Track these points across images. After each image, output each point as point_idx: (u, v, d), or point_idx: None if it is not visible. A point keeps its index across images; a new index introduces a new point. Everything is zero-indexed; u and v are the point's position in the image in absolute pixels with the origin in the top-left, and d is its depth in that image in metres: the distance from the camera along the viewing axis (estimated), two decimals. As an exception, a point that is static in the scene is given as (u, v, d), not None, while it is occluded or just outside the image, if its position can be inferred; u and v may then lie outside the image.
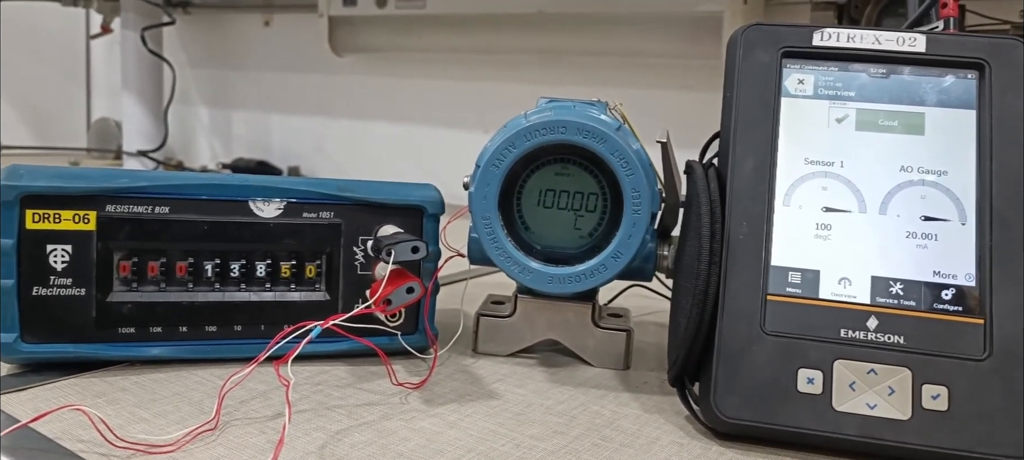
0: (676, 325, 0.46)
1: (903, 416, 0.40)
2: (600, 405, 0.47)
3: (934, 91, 0.45)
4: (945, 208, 0.43)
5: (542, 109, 0.49)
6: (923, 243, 0.43)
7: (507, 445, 0.41)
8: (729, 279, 0.43)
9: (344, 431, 0.41)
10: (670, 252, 0.52)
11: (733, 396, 0.41)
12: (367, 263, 0.50)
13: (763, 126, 0.45)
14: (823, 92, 0.46)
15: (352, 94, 1.50)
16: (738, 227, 0.43)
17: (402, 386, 0.47)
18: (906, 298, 0.42)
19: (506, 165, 0.47)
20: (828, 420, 0.40)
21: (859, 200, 0.44)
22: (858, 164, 0.45)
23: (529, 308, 0.53)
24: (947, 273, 0.42)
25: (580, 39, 1.19)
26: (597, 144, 0.46)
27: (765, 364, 0.41)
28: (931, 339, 0.41)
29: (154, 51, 1.52)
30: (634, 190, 0.46)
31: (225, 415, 0.41)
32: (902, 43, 0.45)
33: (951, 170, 0.44)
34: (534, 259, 0.48)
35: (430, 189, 0.52)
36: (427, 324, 0.51)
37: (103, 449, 0.37)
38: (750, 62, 0.46)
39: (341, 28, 1.40)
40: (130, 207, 0.45)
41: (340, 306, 0.50)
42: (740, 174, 0.44)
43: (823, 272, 0.43)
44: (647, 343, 0.58)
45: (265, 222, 0.48)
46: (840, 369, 0.41)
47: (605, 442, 0.42)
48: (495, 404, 0.46)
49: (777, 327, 0.42)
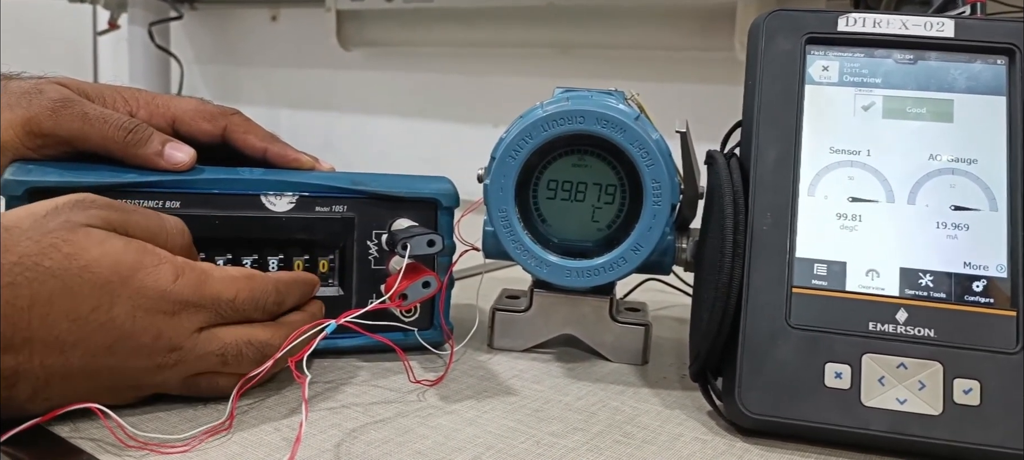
0: (698, 319, 0.45)
1: (934, 411, 0.39)
2: (620, 401, 0.46)
3: (963, 77, 0.44)
4: (975, 197, 0.42)
5: (559, 99, 0.48)
6: (953, 233, 0.42)
7: (527, 442, 0.40)
8: (753, 272, 0.42)
9: (360, 429, 0.40)
10: (689, 245, 0.51)
11: (757, 391, 0.40)
12: (381, 257, 0.49)
13: (787, 115, 0.44)
14: (848, 79, 0.45)
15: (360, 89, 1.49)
16: (762, 218, 0.42)
17: (419, 383, 0.46)
18: (936, 290, 0.41)
19: (523, 156, 0.46)
20: (856, 416, 0.39)
21: (887, 190, 0.43)
22: (885, 153, 0.43)
23: (545, 303, 0.52)
24: (978, 264, 0.41)
25: (590, 32, 1.17)
26: (617, 134, 0.45)
27: (791, 358, 0.40)
28: (962, 332, 0.40)
29: (161, 46, 1.51)
30: (654, 181, 0.45)
31: (239, 413, 0.41)
32: (930, 28, 0.44)
33: (981, 158, 0.43)
34: (551, 252, 0.48)
35: (444, 182, 0.51)
36: (443, 319, 0.50)
37: (116, 447, 0.36)
38: (773, 49, 0.45)
39: (349, 22, 1.39)
40: (140, 202, 0.44)
41: (354, 301, 0.49)
42: (763, 164, 0.43)
43: (850, 264, 0.42)
44: (665, 338, 0.57)
45: (277, 216, 0.47)
46: (869, 363, 0.40)
47: (627, 439, 0.41)
48: (513, 400, 0.45)
49: (803, 320, 0.41)
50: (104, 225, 0.38)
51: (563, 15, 1.18)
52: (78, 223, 0.37)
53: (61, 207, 0.37)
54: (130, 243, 0.38)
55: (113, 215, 0.38)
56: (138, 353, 0.37)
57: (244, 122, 0.52)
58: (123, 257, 0.37)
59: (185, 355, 0.39)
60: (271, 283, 0.42)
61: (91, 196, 0.39)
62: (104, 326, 0.36)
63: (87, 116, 0.44)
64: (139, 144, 0.45)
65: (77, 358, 0.36)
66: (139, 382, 0.39)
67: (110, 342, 0.36)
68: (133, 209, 0.40)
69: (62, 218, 0.37)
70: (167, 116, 0.50)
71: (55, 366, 0.36)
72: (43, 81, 0.47)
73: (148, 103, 0.50)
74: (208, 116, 0.50)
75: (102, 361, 0.37)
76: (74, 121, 0.44)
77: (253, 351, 0.40)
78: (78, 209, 0.37)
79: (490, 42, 1.28)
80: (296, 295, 0.44)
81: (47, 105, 0.44)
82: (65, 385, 0.36)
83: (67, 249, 0.36)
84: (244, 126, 0.51)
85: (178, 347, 0.38)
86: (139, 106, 0.49)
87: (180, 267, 0.39)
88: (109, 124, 0.45)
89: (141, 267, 0.37)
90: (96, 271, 0.36)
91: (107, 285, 0.36)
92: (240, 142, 0.51)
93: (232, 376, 0.40)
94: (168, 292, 0.38)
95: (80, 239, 0.36)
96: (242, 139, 0.51)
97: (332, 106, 1.52)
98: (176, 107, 0.50)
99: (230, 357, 0.40)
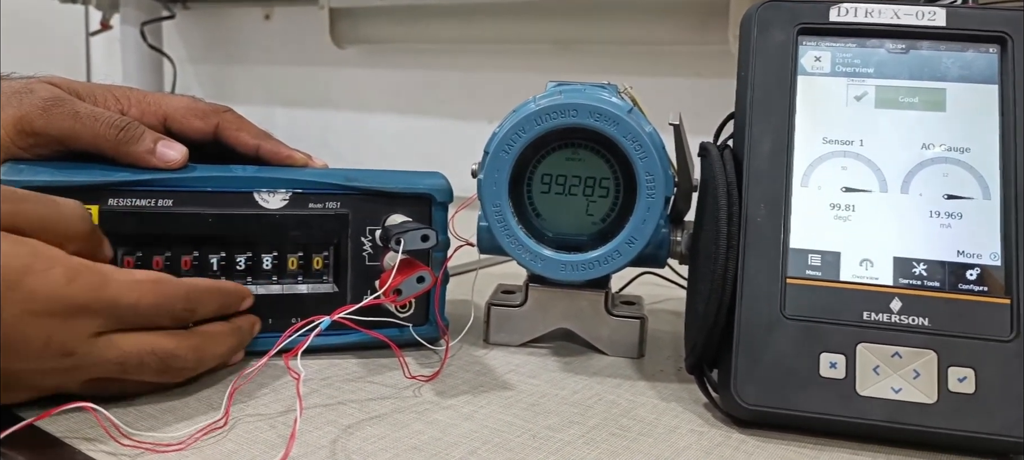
0: (693, 311, 0.45)
1: (929, 400, 0.39)
2: (616, 394, 0.46)
3: (955, 66, 0.44)
4: (969, 186, 0.42)
5: (552, 93, 0.48)
6: (946, 222, 0.42)
7: (523, 436, 0.40)
8: (747, 263, 0.42)
9: (356, 425, 0.40)
10: (684, 238, 0.51)
11: (753, 382, 0.40)
12: (375, 254, 0.49)
13: (780, 106, 0.44)
14: (841, 69, 0.45)
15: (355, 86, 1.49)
16: (756, 209, 0.42)
17: (415, 379, 0.46)
18: (930, 279, 0.41)
19: (516, 150, 0.46)
20: (852, 405, 0.39)
21: (880, 179, 0.43)
22: (878, 142, 0.43)
23: (541, 297, 0.52)
24: (972, 252, 0.41)
25: (585, 27, 1.17)
26: (610, 127, 0.45)
27: (786, 349, 0.40)
28: (957, 321, 0.40)
29: (154, 46, 1.51)
30: (648, 174, 0.45)
31: (234, 411, 0.41)
32: (922, 17, 0.44)
33: (974, 147, 0.43)
34: (546, 247, 0.47)
35: (438, 177, 0.51)
36: (438, 314, 0.50)
37: (110, 447, 0.36)
38: (765, 40, 0.45)
39: (342, 20, 1.39)
40: (133, 200, 0.44)
41: (349, 298, 0.49)
42: (757, 155, 0.43)
43: (844, 254, 0.42)
44: (660, 331, 0.58)
45: (271, 214, 0.47)
46: (863, 353, 0.40)
47: (623, 432, 0.41)
48: (509, 395, 0.45)
49: (797, 311, 0.41)
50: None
51: (558, 10, 1.18)
52: None
53: None
54: (19, 243, 0.36)
55: (3, 207, 0.36)
56: (27, 357, 0.36)
57: (236, 119, 0.51)
58: (11, 260, 0.35)
59: (80, 361, 0.37)
60: (182, 289, 0.40)
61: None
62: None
63: (78, 115, 0.44)
64: (131, 142, 0.45)
65: None
66: (33, 384, 0.37)
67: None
68: (24, 197, 0.37)
69: None
70: (159, 114, 0.49)
71: None
72: (34, 80, 0.47)
73: (139, 101, 0.49)
74: (200, 114, 0.50)
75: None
76: (65, 120, 0.44)
77: (156, 361, 0.39)
78: None
79: (484, 38, 1.28)
80: (213, 305, 0.43)
81: (38, 104, 0.44)
82: None
83: None
84: (236, 123, 0.51)
85: (71, 352, 0.36)
86: (130, 104, 0.49)
87: (75, 269, 0.36)
88: (100, 122, 0.45)
89: (30, 271, 0.35)
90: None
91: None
92: (232, 140, 0.51)
93: (136, 383, 0.39)
94: (60, 296, 0.36)
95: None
96: (234, 137, 0.51)
97: (327, 104, 1.52)
98: (168, 105, 0.50)
99: (130, 366, 0.38)
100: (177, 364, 0.40)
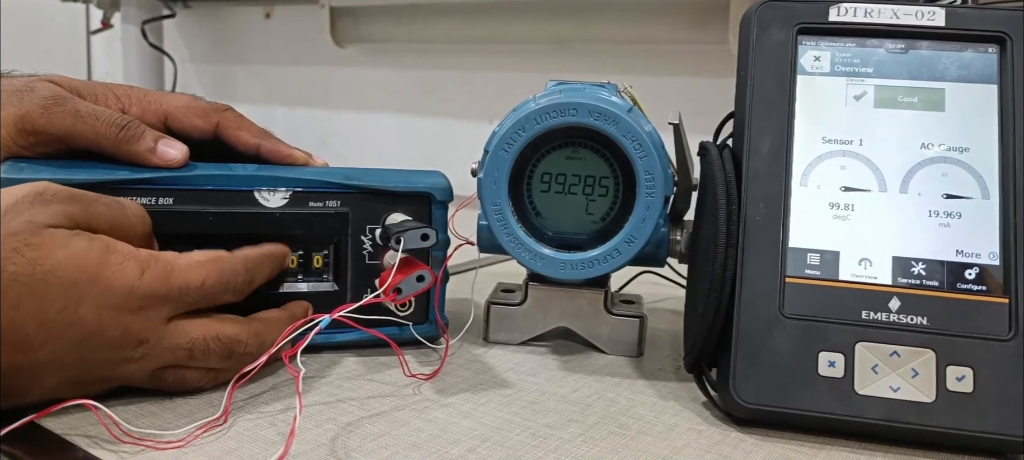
0: (693, 310, 0.45)
1: (927, 399, 0.39)
2: (615, 393, 0.46)
3: (954, 66, 0.44)
4: (967, 186, 0.42)
5: (551, 92, 0.48)
6: (945, 222, 0.42)
7: (522, 434, 0.40)
8: (746, 262, 0.42)
9: (355, 423, 0.40)
10: (683, 237, 0.51)
11: (752, 381, 0.40)
12: (375, 252, 0.49)
13: (779, 105, 0.44)
14: (840, 69, 0.45)
15: (355, 85, 1.49)
16: (755, 209, 0.42)
17: (414, 377, 0.46)
18: (929, 278, 0.41)
19: (516, 149, 0.46)
20: (851, 404, 0.39)
21: (879, 179, 0.43)
22: (877, 142, 0.43)
23: (540, 296, 0.52)
24: (970, 252, 0.41)
25: (585, 26, 1.17)
26: (609, 126, 0.45)
27: (785, 348, 0.40)
28: (955, 320, 0.40)
29: (155, 45, 1.51)
30: (647, 173, 0.45)
31: (234, 408, 0.41)
32: (921, 17, 0.44)
33: (973, 146, 0.43)
34: (545, 245, 0.48)
35: (438, 176, 0.51)
36: (438, 313, 0.50)
37: (111, 444, 0.36)
38: (764, 40, 0.45)
39: (342, 19, 1.39)
40: (134, 199, 0.44)
41: (349, 296, 0.49)
42: (756, 155, 0.43)
43: (843, 253, 0.42)
44: (659, 330, 0.58)
45: (271, 212, 0.47)
46: (862, 352, 0.40)
47: (622, 430, 0.41)
48: (508, 393, 0.45)
49: (796, 310, 0.41)
50: (67, 221, 0.37)
51: (557, 9, 1.18)
52: (41, 224, 0.36)
53: (21, 204, 0.36)
54: (94, 241, 0.37)
55: (75, 209, 0.38)
56: (105, 349, 0.37)
57: (237, 118, 0.52)
58: (88, 257, 0.37)
59: (152, 348, 0.39)
60: (239, 262, 0.42)
61: (53, 188, 0.38)
62: (71, 325, 0.36)
63: (79, 113, 0.44)
64: (131, 141, 0.45)
65: (45, 355, 0.36)
66: (106, 375, 0.39)
67: (77, 340, 0.36)
68: (95, 199, 0.39)
69: (24, 218, 0.36)
70: (159, 113, 0.49)
71: (23, 363, 0.36)
72: (35, 79, 0.47)
73: (140, 100, 0.49)
74: (200, 112, 0.50)
75: (69, 357, 0.37)
76: (66, 118, 0.44)
77: (220, 346, 0.41)
78: (39, 206, 0.37)
79: (485, 37, 1.28)
80: (267, 270, 0.45)
81: (39, 102, 0.44)
82: (32, 380, 0.36)
83: (31, 253, 0.35)
84: (237, 122, 0.51)
85: (145, 340, 0.38)
86: (131, 103, 0.49)
87: (144, 261, 0.38)
88: (101, 121, 0.45)
89: (106, 265, 0.37)
90: (61, 274, 0.36)
91: (73, 286, 0.36)
92: (233, 138, 0.51)
93: (198, 370, 0.41)
94: (134, 288, 0.37)
95: (44, 242, 0.36)
96: (235, 135, 0.51)
97: (327, 103, 1.52)
98: (168, 104, 0.50)
99: (197, 351, 0.40)
100: (240, 349, 0.42)
